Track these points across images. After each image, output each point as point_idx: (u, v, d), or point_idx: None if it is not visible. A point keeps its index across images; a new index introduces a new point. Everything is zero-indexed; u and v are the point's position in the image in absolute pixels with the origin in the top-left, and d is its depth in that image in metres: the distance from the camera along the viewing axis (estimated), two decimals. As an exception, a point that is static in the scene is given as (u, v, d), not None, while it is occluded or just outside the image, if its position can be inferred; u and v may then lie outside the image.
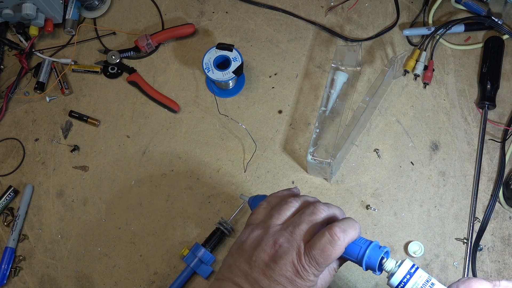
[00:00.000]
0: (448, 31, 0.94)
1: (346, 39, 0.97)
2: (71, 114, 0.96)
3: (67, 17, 1.00)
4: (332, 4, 1.00)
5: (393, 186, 0.88)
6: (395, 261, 0.61)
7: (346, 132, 0.84)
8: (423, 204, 0.87)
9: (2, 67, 1.00)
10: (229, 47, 0.91)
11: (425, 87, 0.93)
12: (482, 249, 0.83)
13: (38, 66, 0.99)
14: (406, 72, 0.94)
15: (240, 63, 0.90)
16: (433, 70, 0.93)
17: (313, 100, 0.94)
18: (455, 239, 0.85)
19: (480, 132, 0.89)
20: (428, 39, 0.93)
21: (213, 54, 0.91)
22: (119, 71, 0.99)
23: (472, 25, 0.95)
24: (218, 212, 0.89)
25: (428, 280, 0.59)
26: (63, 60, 0.99)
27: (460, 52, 0.95)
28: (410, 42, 0.96)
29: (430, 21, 0.96)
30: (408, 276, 0.59)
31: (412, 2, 0.99)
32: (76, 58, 1.00)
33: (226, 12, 1.01)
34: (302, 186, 0.89)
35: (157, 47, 1.00)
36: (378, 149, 0.90)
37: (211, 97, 0.95)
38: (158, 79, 0.98)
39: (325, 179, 0.89)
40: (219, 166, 0.92)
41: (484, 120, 0.89)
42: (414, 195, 0.87)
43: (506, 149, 0.88)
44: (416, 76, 0.93)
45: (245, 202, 0.76)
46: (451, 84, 0.93)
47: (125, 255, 0.88)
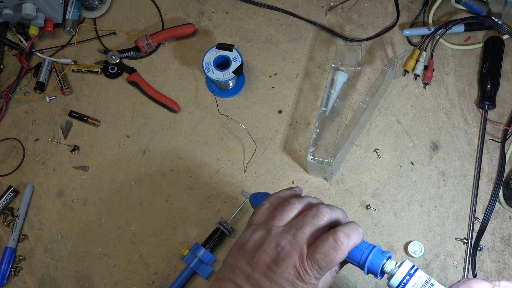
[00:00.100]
0: (448, 31, 0.94)
1: (346, 39, 0.97)
2: (71, 114, 0.96)
3: (67, 17, 1.00)
4: (332, 4, 1.00)
5: (393, 186, 0.88)
6: (395, 262, 0.61)
7: (346, 132, 0.84)
8: (423, 204, 0.87)
9: (2, 67, 1.00)
10: (229, 47, 0.91)
11: (425, 87, 0.93)
12: (482, 249, 0.83)
13: (38, 66, 0.99)
14: (406, 72, 0.94)
15: (240, 63, 0.90)
16: (433, 70, 0.93)
17: (313, 100, 0.94)
18: (455, 239, 0.85)
19: (480, 132, 0.89)
20: (428, 39, 0.93)
21: (213, 54, 0.91)
22: (119, 71, 0.98)
23: (472, 25, 0.95)
24: (218, 212, 0.89)
25: (427, 281, 0.59)
26: (63, 60, 0.99)
27: (460, 52, 0.95)
28: (410, 42, 0.96)
29: (430, 21, 0.96)
30: (407, 277, 0.60)
31: (412, 2, 0.99)
32: (76, 58, 1.00)
33: (226, 12, 1.01)
34: (302, 186, 0.89)
35: (157, 47, 1.00)
36: (378, 149, 0.90)
37: (211, 97, 0.95)
38: (158, 79, 0.98)
39: (325, 179, 0.89)
40: (219, 166, 0.92)
41: (484, 120, 0.89)
42: (414, 195, 0.87)
43: (506, 149, 0.88)
44: (416, 76, 0.93)
45: (247, 199, 0.75)
46: (451, 84, 0.93)
47: (125, 255, 0.88)
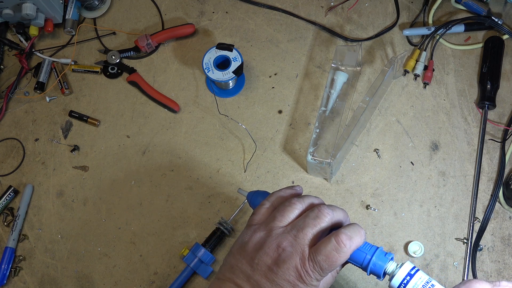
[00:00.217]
0: (448, 31, 0.94)
1: (346, 39, 0.97)
2: (71, 114, 0.96)
3: (67, 17, 1.00)
4: (332, 4, 1.00)
5: (393, 186, 0.88)
6: (396, 263, 0.61)
7: (346, 132, 0.84)
8: (423, 204, 0.87)
9: (2, 67, 1.00)
10: (229, 47, 0.91)
11: (425, 87, 0.93)
12: (482, 249, 0.83)
13: (38, 66, 0.99)
14: (406, 72, 0.94)
15: (240, 63, 0.90)
16: (433, 70, 0.93)
17: (313, 100, 0.94)
18: (455, 239, 0.85)
19: (480, 132, 0.89)
20: (428, 39, 0.93)
21: (213, 54, 0.91)
22: (119, 71, 0.98)
23: (472, 25, 0.95)
24: (218, 212, 0.89)
25: (428, 281, 0.59)
26: (63, 60, 0.99)
27: (460, 52, 0.95)
28: (410, 42, 0.96)
29: (430, 21, 0.96)
30: (408, 278, 0.60)
31: (412, 2, 0.99)
32: (76, 58, 1.00)
33: (226, 12, 1.01)
34: (302, 186, 0.88)
35: (157, 47, 1.00)
36: (378, 149, 0.90)
37: (211, 97, 0.95)
38: (158, 79, 0.98)
39: (325, 179, 0.89)
40: (219, 166, 0.92)
41: (484, 120, 0.89)
42: (414, 195, 0.87)
43: (506, 149, 0.88)
44: (416, 76, 0.93)
45: (245, 199, 0.74)
46: (451, 84, 0.93)
47: (125, 255, 0.88)
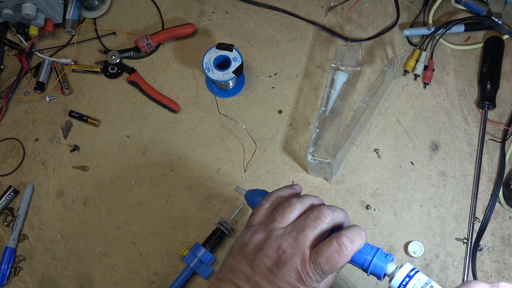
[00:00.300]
0: (448, 31, 0.94)
1: (346, 39, 0.97)
2: (71, 114, 0.96)
3: (67, 17, 1.00)
4: (332, 4, 1.00)
5: (393, 186, 0.88)
6: (396, 264, 0.62)
7: (346, 132, 0.84)
8: (423, 204, 0.87)
9: (2, 67, 1.00)
10: (229, 47, 0.91)
11: (425, 87, 0.93)
12: (482, 249, 0.83)
13: (38, 66, 0.99)
14: (406, 72, 0.94)
15: (240, 63, 0.90)
16: (433, 70, 0.93)
17: (313, 100, 0.94)
18: (455, 239, 0.85)
19: (480, 132, 0.89)
20: (428, 39, 0.93)
21: (213, 54, 0.91)
22: (119, 71, 0.98)
23: (472, 25, 0.95)
24: (218, 212, 0.89)
25: (427, 283, 0.59)
26: (63, 60, 0.99)
27: (460, 52, 0.95)
28: (410, 42, 0.96)
29: (430, 21, 0.96)
30: (407, 279, 0.60)
31: (412, 2, 0.99)
32: (76, 58, 1.00)
33: (226, 12, 1.01)
34: (302, 186, 0.88)
35: (157, 47, 1.00)
36: (378, 149, 0.90)
37: (211, 97, 0.95)
38: (158, 79, 0.98)
39: (325, 179, 0.89)
40: (219, 166, 0.92)
41: (484, 120, 0.89)
42: (414, 195, 0.87)
43: (506, 149, 0.88)
44: (416, 76, 0.93)
45: (244, 199, 0.73)
46: (451, 84, 0.93)
47: (125, 255, 0.88)
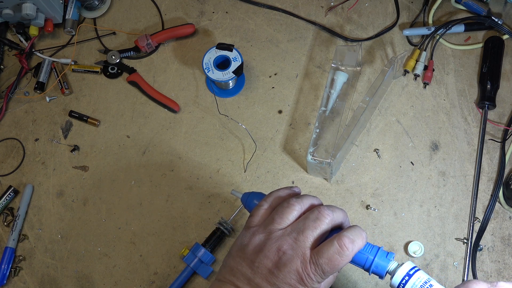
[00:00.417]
0: (448, 31, 0.94)
1: (346, 39, 0.97)
2: (71, 114, 0.96)
3: (67, 17, 1.00)
4: (332, 4, 1.00)
5: (393, 186, 0.88)
6: (397, 263, 0.62)
7: (346, 132, 0.84)
8: (423, 204, 0.87)
9: (2, 67, 1.00)
10: (229, 47, 0.91)
11: (425, 87, 0.93)
12: (482, 249, 0.83)
13: (38, 66, 0.99)
14: (406, 72, 0.94)
15: (240, 63, 0.90)
16: (433, 70, 0.93)
17: (313, 100, 0.94)
18: (455, 239, 0.85)
19: (480, 132, 0.89)
20: (428, 39, 0.93)
21: (213, 54, 0.91)
22: (119, 71, 0.98)
23: (472, 25, 0.95)
24: (218, 212, 0.89)
25: (426, 281, 0.60)
26: (63, 60, 0.99)
27: (460, 52, 0.95)
28: (410, 42, 0.96)
29: (430, 21, 0.96)
30: (406, 278, 0.60)
31: (412, 2, 0.98)
32: (76, 58, 1.00)
33: (226, 12, 1.01)
34: (302, 186, 0.89)
35: (157, 47, 1.00)
36: (378, 149, 0.90)
37: (211, 97, 0.95)
38: (158, 79, 0.98)
39: (325, 179, 0.89)
40: (219, 166, 0.92)
41: (484, 120, 0.89)
42: (414, 195, 0.87)
43: (506, 149, 0.88)
44: (416, 76, 0.93)
45: (240, 201, 0.72)
46: (451, 84, 0.93)
47: (125, 255, 0.88)
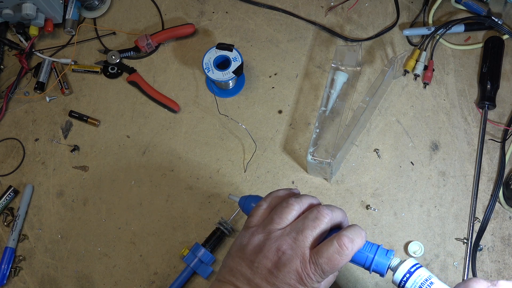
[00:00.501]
0: (448, 31, 0.94)
1: (346, 39, 0.97)
2: (71, 114, 0.96)
3: (67, 17, 1.00)
4: (332, 4, 1.00)
5: (393, 186, 0.88)
6: (399, 259, 0.62)
7: (346, 132, 0.84)
8: (423, 204, 0.87)
9: (2, 67, 1.00)
10: (229, 47, 0.91)
11: (425, 87, 0.93)
12: (482, 249, 0.83)
13: (38, 66, 0.99)
14: (406, 72, 0.94)
15: (240, 63, 0.90)
16: (433, 70, 0.93)
17: (313, 100, 0.94)
18: (455, 239, 0.85)
19: (480, 132, 0.89)
20: (428, 39, 0.93)
21: (213, 54, 0.91)
22: (119, 71, 0.98)
23: (472, 25, 0.95)
24: (218, 212, 0.89)
25: (427, 279, 0.60)
26: (63, 60, 0.99)
27: (460, 52, 0.95)
28: (410, 42, 0.96)
29: (430, 21, 0.96)
30: (407, 275, 0.60)
31: (412, 2, 0.99)
32: (76, 58, 1.00)
33: (226, 12, 1.01)
34: (302, 186, 0.89)
35: (157, 47, 1.00)
36: (378, 149, 0.90)
37: (211, 97, 0.95)
38: (158, 79, 0.98)
39: (325, 179, 0.89)
40: (219, 166, 0.92)
41: (484, 120, 0.89)
42: (414, 195, 0.87)
43: (506, 149, 0.88)
44: (416, 76, 0.93)
45: (238, 204, 0.71)
46: (451, 84, 0.93)
47: (125, 255, 0.88)
